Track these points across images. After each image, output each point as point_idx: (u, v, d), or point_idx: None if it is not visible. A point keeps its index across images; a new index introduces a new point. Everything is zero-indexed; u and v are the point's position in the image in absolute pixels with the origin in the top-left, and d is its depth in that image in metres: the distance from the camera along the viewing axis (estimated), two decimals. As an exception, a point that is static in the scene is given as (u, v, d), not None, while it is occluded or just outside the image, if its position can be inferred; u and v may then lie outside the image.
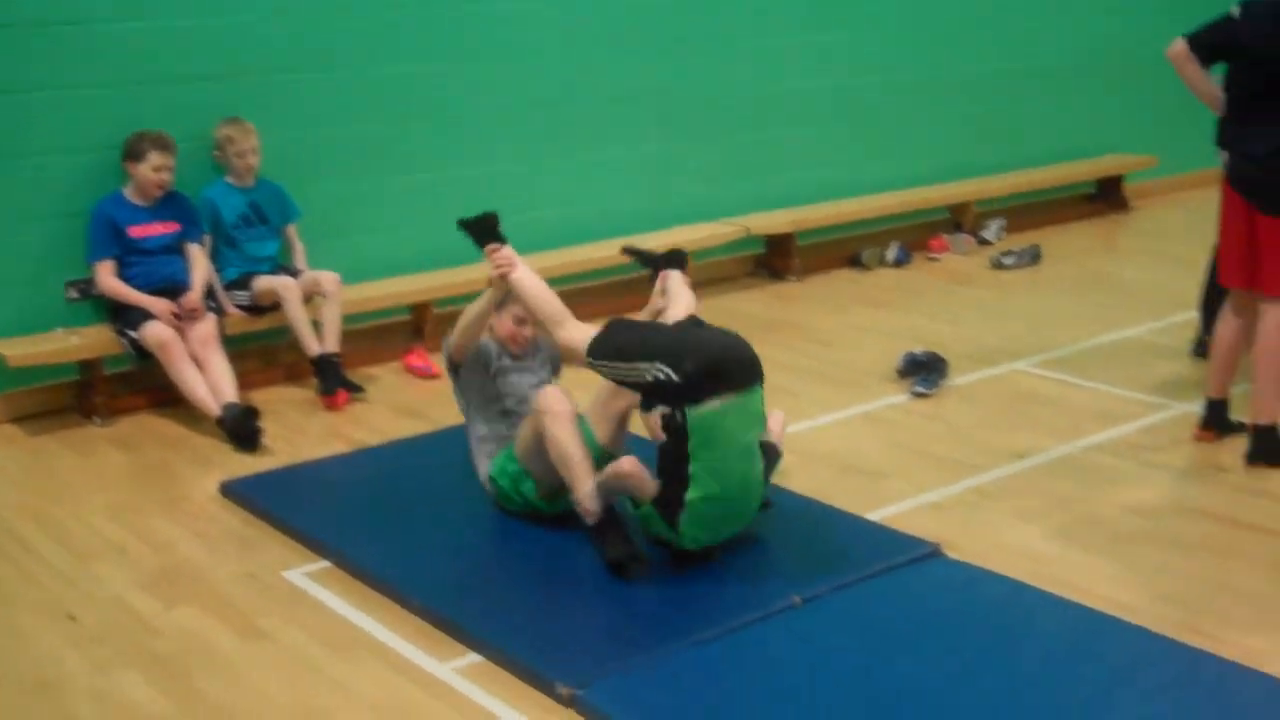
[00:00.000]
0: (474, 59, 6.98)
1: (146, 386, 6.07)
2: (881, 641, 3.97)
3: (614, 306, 4.34)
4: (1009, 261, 8.32)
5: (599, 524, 4.34)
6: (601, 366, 4.32)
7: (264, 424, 5.61)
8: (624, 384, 4.37)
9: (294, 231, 6.43)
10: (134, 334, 5.79)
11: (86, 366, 5.93)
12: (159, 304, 5.79)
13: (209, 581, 4.46)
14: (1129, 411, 5.81)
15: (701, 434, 4.16)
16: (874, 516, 4.81)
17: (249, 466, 5.38)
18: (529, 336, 4.86)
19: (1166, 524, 4.78)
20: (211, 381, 5.74)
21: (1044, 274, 8.22)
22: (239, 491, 5.10)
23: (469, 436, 4.90)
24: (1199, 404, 5.55)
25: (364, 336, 6.64)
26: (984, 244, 8.80)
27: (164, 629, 4.15)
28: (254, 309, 6.19)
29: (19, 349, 5.75)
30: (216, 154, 6.21)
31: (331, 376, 6.06)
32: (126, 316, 5.83)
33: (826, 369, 6.43)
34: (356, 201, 6.73)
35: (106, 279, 5.87)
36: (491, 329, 4.84)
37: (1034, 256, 8.40)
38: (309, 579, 4.45)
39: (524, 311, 4.73)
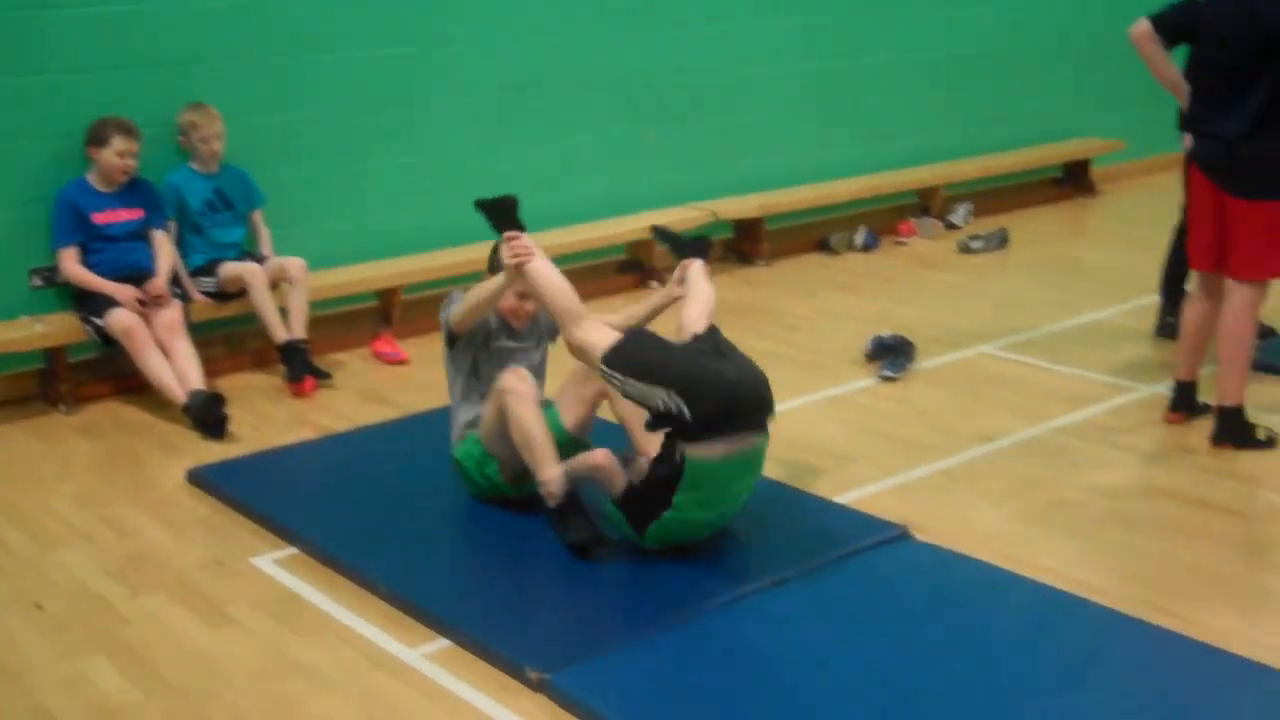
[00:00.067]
0: (441, 44, 6.95)
1: (112, 374, 6.03)
2: (851, 623, 3.98)
3: (580, 292, 4.30)
4: (976, 245, 8.34)
5: (560, 507, 4.32)
6: (614, 379, 4.18)
7: (231, 411, 5.58)
8: (633, 400, 4.23)
9: (259, 217, 6.39)
10: (99, 321, 5.75)
11: (51, 354, 5.89)
12: (124, 291, 5.75)
13: (176, 569, 4.44)
14: (1096, 394, 5.84)
15: (695, 479, 4.13)
16: (843, 500, 4.82)
17: (216, 453, 5.35)
18: (530, 312, 4.75)
19: (1134, 505, 4.80)
20: (177, 368, 5.70)
21: (1011, 258, 8.24)
22: (206, 478, 5.07)
23: (452, 420, 4.79)
24: (1166, 386, 5.59)
25: (331, 323, 6.61)
26: (952, 228, 8.81)
27: (132, 617, 4.13)
28: (220, 295, 6.15)
29: (-18, 337, 5.71)
30: (181, 139, 6.17)
31: (298, 363, 6.03)
32: (91, 304, 5.79)
33: (795, 353, 6.44)
34: (323, 187, 6.69)
35: (71, 266, 5.82)
36: None
37: (1001, 240, 8.42)
38: (277, 565, 4.44)
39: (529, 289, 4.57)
